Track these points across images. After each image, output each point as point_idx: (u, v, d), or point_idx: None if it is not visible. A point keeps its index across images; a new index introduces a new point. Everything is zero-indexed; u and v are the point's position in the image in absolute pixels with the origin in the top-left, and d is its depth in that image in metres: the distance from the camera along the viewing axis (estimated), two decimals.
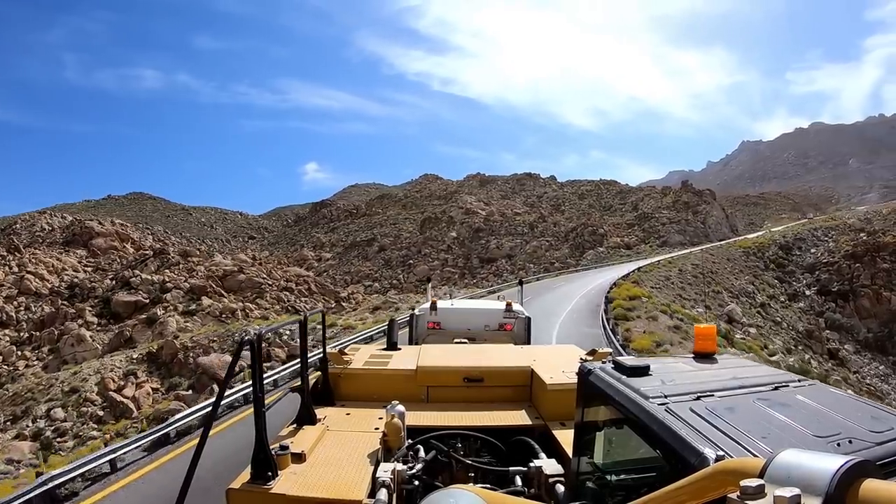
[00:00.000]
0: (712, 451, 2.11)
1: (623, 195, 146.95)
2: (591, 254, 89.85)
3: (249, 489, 3.28)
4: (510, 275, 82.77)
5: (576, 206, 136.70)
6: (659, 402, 2.57)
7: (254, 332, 3.44)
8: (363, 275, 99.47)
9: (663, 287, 45.19)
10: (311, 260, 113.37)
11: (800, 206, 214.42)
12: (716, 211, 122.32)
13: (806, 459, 1.42)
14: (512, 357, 6.10)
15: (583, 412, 3.26)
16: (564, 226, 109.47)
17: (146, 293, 42.44)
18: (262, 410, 3.39)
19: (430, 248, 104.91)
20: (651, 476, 2.60)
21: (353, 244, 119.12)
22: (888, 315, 69.91)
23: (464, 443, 4.38)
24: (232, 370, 3.51)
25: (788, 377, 3.02)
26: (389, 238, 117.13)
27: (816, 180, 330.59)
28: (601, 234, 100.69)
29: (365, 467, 3.62)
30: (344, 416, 4.78)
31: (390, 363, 5.76)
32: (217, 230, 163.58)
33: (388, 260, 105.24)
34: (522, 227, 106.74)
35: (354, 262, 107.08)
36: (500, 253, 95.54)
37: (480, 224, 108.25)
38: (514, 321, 9.80)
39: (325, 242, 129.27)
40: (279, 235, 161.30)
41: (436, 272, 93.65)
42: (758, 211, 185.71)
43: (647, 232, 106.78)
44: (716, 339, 3.58)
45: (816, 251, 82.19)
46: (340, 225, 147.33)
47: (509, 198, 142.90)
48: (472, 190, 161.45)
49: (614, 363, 3.18)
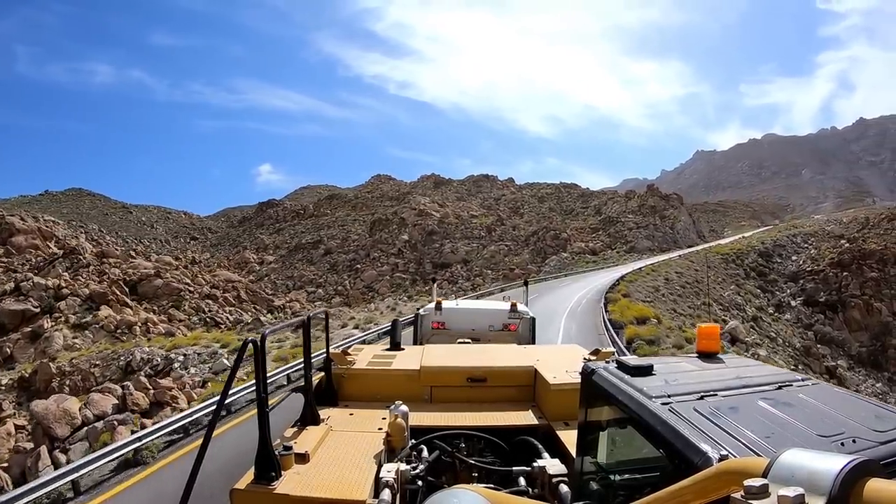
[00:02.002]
0: (716, 451, 2.12)
1: (585, 199, 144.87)
2: (553, 259, 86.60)
3: (253, 489, 3.27)
4: (466, 281, 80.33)
5: (535, 209, 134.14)
6: (662, 402, 2.58)
7: (258, 333, 3.63)
8: (306, 280, 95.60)
9: (655, 300, 41.32)
10: (252, 263, 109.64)
11: (759, 214, 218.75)
12: (683, 216, 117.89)
13: (809, 459, 1.42)
14: (515, 357, 6.08)
15: (586, 412, 3.28)
16: (524, 229, 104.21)
17: (37, 301, 36.83)
18: (265, 411, 3.37)
19: (379, 252, 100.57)
20: (654, 476, 2.57)
21: (298, 246, 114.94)
22: (879, 327, 65.39)
23: (467, 443, 4.36)
24: (234, 373, 3.45)
25: (792, 376, 3.02)
26: (337, 240, 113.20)
27: (770, 190, 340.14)
28: (564, 239, 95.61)
29: (368, 467, 3.62)
30: (347, 417, 4.77)
31: (394, 363, 5.74)
32: (157, 230, 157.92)
33: (334, 264, 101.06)
34: (479, 231, 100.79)
35: (298, 266, 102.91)
36: (455, 257, 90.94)
37: (434, 226, 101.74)
38: (519, 321, 9.81)
39: (268, 244, 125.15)
40: (223, 236, 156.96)
41: (385, 277, 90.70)
42: (717, 218, 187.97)
43: (614, 237, 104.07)
44: (719, 338, 3.54)
45: (798, 259, 77.93)
46: (286, 226, 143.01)
47: (465, 200, 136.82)
48: (426, 191, 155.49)
49: (618, 363, 3.19)
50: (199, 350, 26.03)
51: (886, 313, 66.89)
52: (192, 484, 2.97)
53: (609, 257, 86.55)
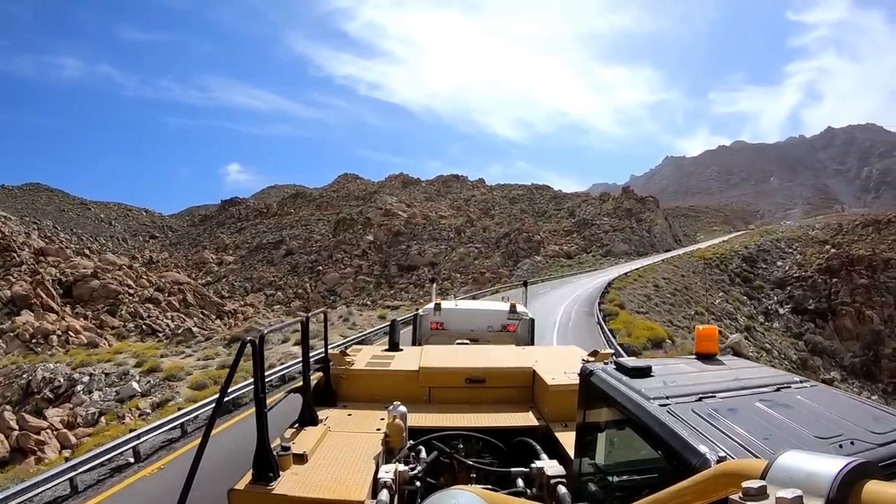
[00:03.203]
0: (714, 453, 2.13)
1: (557, 201, 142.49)
2: (526, 263, 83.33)
3: (251, 490, 3.27)
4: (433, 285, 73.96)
5: (507, 211, 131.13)
6: (661, 404, 2.59)
7: (256, 333, 3.65)
8: (266, 282, 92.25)
9: (650, 311, 38.68)
10: (211, 263, 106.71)
11: (730, 220, 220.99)
12: (660, 219, 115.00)
13: (808, 461, 1.42)
14: (514, 358, 6.11)
15: (584, 413, 3.30)
16: (495, 231, 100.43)
17: None
18: (263, 411, 3.38)
19: (343, 253, 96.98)
20: (653, 477, 2.59)
21: (259, 247, 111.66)
22: (871, 336, 62.64)
23: (465, 444, 4.40)
24: (232, 372, 3.34)
25: (790, 378, 3.03)
26: (299, 241, 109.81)
27: (739, 196, 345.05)
28: (537, 242, 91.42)
29: (367, 468, 3.64)
30: (346, 417, 4.79)
31: (392, 364, 5.79)
32: (115, 227, 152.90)
33: (294, 265, 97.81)
34: (448, 232, 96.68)
35: (258, 267, 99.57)
36: (422, 260, 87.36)
37: (401, 227, 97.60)
38: (518, 322, 9.86)
39: (228, 244, 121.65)
40: (183, 235, 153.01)
41: (348, 280, 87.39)
42: (689, 223, 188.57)
43: (589, 240, 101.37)
44: (717, 340, 3.60)
45: (784, 264, 75.27)
46: (248, 225, 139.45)
47: (434, 200, 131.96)
48: (393, 191, 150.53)
49: (616, 364, 3.20)
50: (109, 369, 22.85)
51: (878, 321, 64.17)
52: (189, 484, 2.91)
53: (585, 261, 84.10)
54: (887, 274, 69.79)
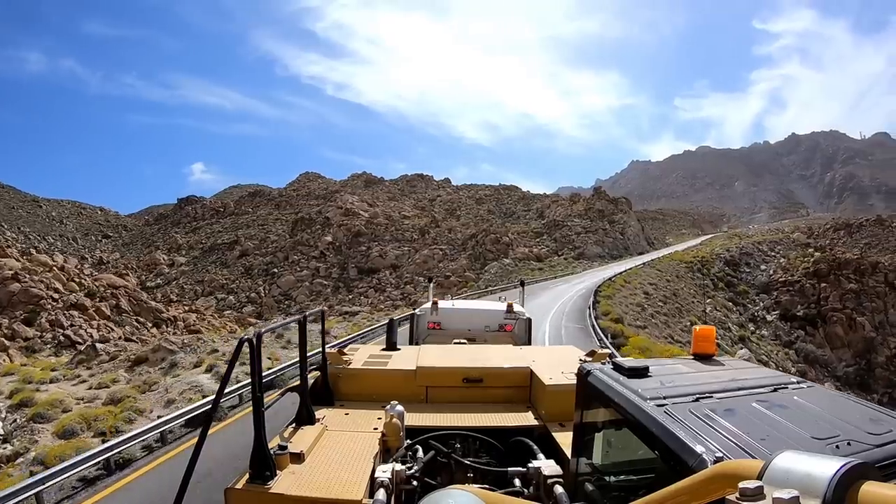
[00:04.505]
0: (711, 453, 2.14)
1: (526, 202, 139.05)
2: (494, 266, 79.19)
3: (248, 489, 3.24)
4: (395, 289, 74.18)
5: (473, 212, 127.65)
6: (658, 404, 2.60)
7: (253, 332, 3.50)
8: (217, 285, 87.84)
9: (648, 324, 36.05)
10: (162, 264, 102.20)
11: (698, 223, 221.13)
12: (633, 221, 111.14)
13: (805, 461, 1.43)
14: (511, 358, 6.04)
15: (582, 413, 3.30)
16: (461, 232, 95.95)
17: None
18: (260, 410, 3.35)
19: (299, 255, 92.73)
20: (650, 477, 2.60)
21: (213, 247, 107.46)
22: (863, 344, 59.34)
23: (463, 443, 4.35)
24: (230, 372, 3.34)
25: (787, 379, 3.02)
26: (254, 241, 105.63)
27: (704, 200, 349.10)
28: (506, 244, 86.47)
29: (364, 467, 3.60)
30: (343, 416, 4.74)
31: (389, 363, 5.73)
32: (67, 226, 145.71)
33: (248, 267, 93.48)
34: (412, 233, 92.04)
35: (210, 269, 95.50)
36: (383, 262, 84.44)
37: (361, 227, 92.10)
38: (515, 322, 9.85)
39: (182, 244, 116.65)
40: (136, 235, 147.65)
41: (304, 284, 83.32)
42: (657, 226, 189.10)
43: (560, 242, 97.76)
44: (715, 340, 3.57)
45: (768, 268, 71.74)
46: (204, 224, 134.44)
47: (398, 200, 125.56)
48: (356, 190, 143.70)
49: (613, 364, 3.19)
50: None
51: (869, 328, 60.94)
52: (186, 484, 2.92)
53: (557, 264, 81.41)
54: (875, 278, 67.11)
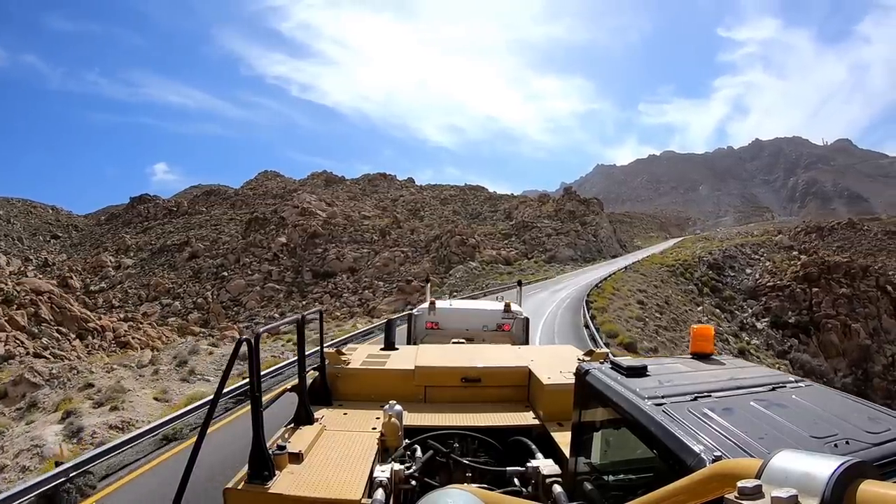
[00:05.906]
0: (709, 452, 2.15)
1: (493, 202, 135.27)
2: (460, 269, 74.71)
3: (247, 489, 3.24)
4: (352, 294, 70.61)
5: (437, 212, 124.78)
6: (656, 403, 2.61)
7: (252, 331, 3.52)
8: (163, 289, 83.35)
9: (657, 345, 32.06)
10: (108, 267, 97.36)
11: (665, 226, 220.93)
12: (605, 223, 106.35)
13: (803, 460, 1.44)
14: (509, 357, 6.07)
15: (580, 412, 3.31)
16: (425, 234, 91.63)
17: None
18: (259, 410, 3.35)
19: (251, 257, 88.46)
20: (648, 477, 2.62)
21: (163, 248, 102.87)
22: (858, 352, 55.58)
23: (461, 443, 4.34)
24: (228, 371, 3.34)
25: (785, 378, 3.03)
26: (205, 242, 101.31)
27: (669, 203, 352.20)
28: (472, 246, 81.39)
29: (362, 467, 3.60)
30: (341, 416, 4.73)
31: (388, 363, 5.68)
32: (14, 225, 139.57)
33: (197, 270, 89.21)
34: (371, 234, 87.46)
35: (157, 272, 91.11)
36: (340, 265, 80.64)
37: (318, 228, 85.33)
38: (513, 322, 9.88)
39: (131, 245, 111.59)
40: (86, 235, 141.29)
41: (255, 288, 79.18)
42: (625, 228, 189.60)
43: (530, 244, 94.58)
44: (713, 339, 3.61)
45: (753, 272, 67.61)
46: (155, 224, 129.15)
47: (358, 199, 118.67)
48: (315, 189, 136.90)
49: (612, 363, 3.21)
50: None
51: (864, 335, 57.00)
52: (185, 484, 2.93)
53: (527, 267, 77.47)
54: (866, 282, 63.82)
